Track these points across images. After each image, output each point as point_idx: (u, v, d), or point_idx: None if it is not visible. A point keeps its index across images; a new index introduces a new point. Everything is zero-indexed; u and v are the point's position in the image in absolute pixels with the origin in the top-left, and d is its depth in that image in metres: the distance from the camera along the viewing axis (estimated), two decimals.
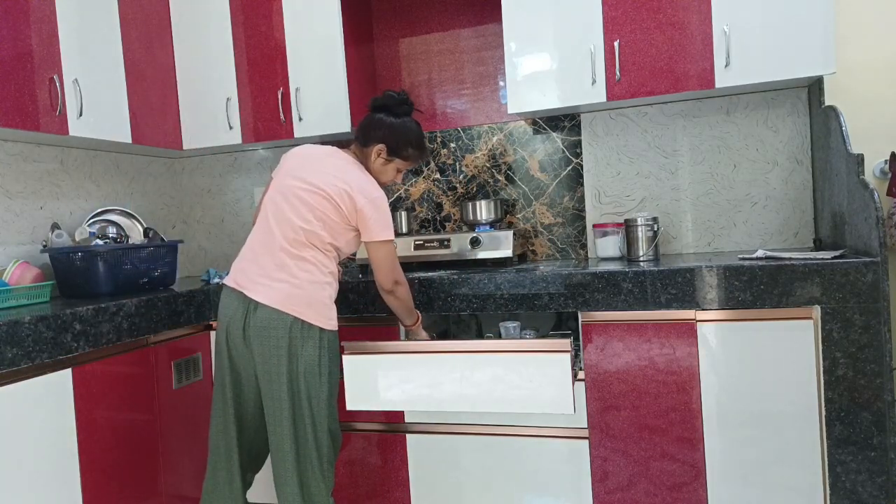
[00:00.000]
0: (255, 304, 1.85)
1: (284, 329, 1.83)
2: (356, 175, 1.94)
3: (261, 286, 1.86)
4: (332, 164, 1.94)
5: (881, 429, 1.87)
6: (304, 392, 1.87)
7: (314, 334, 1.86)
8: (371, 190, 1.92)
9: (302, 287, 1.85)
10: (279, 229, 1.89)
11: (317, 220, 1.88)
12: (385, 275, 1.96)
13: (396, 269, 1.98)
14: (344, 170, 1.93)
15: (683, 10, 2.25)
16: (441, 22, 2.87)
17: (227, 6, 2.75)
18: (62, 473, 1.84)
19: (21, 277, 2.18)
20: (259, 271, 1.88)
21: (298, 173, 1.93)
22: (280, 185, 1.94)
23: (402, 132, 2.00)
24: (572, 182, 2.72)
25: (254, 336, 1.86)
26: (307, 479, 1.90)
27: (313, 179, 1.90)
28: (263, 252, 1.89)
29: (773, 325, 1.96)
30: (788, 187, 2.48)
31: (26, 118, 2.12)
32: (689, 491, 2.04)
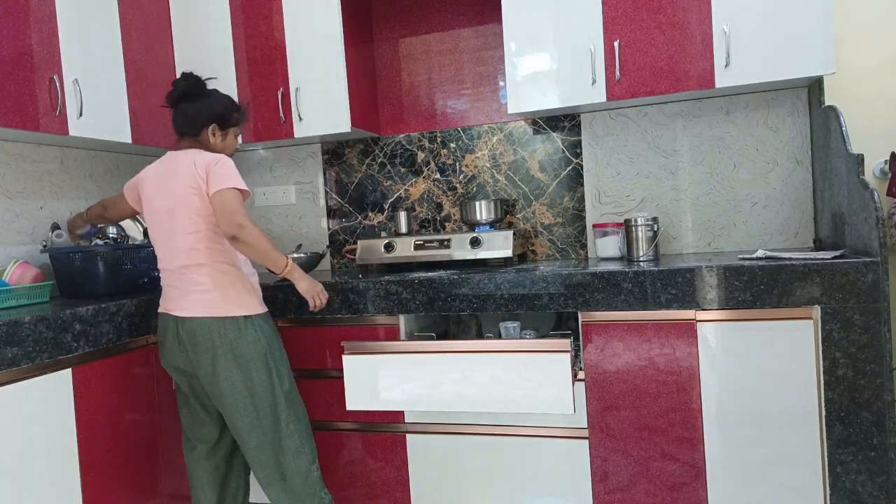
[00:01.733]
0: (181, 319, 1.95)
1: (211, 332, 1.93)
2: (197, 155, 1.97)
3: (180, 302, 1.96)
4: (176, 164, 1.98)
5: (881, 429, 1.87)
6: (250, 380, 1.94)
7: (241, 324, 1.94)
8: (210, 155, 1.97)
9: (210, 290, 1.94)
10: (172, 249, 1.97)
11: (192, 221, 1.93)
12: (226, 220, 1.87)
13: (238, 213, 1.88)
14: (186, 157, 1.98)
15: (683, 10, 2.25)
16: (441, 22, 2.87)
17: (227, 6, 2.75)
18: (62, 473, 1.84)
19: (21, 277, 2.18)
20: (175, 292, 1.99)
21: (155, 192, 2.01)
22: (152, 210, 2.02)
23: (219, 105, 2.06)
24: (572, 182, 2.72)
25: (189, 347, 1.95)
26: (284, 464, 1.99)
27: (169, 185, 1.97)
28: (170, 274, 2.00)
29: (773, 325, 1.96)
30: (788, 187, 2.48)
31: (26, 118, 2.12)
32: (689, 491, 2.04)
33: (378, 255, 2.59)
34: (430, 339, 2.25)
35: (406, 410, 2.29)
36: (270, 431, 1.96)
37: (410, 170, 2.92)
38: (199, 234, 1.93)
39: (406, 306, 2.24)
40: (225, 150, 2.08)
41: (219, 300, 1.93)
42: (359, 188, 3.01)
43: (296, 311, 2.34)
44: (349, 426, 2.37)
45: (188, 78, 2.06)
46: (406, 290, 2.24)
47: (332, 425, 2.38)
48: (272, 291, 2.34)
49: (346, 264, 3.04)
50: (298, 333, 2.38)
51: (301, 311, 2.33)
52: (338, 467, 2.39)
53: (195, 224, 1.93)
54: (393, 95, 2.95)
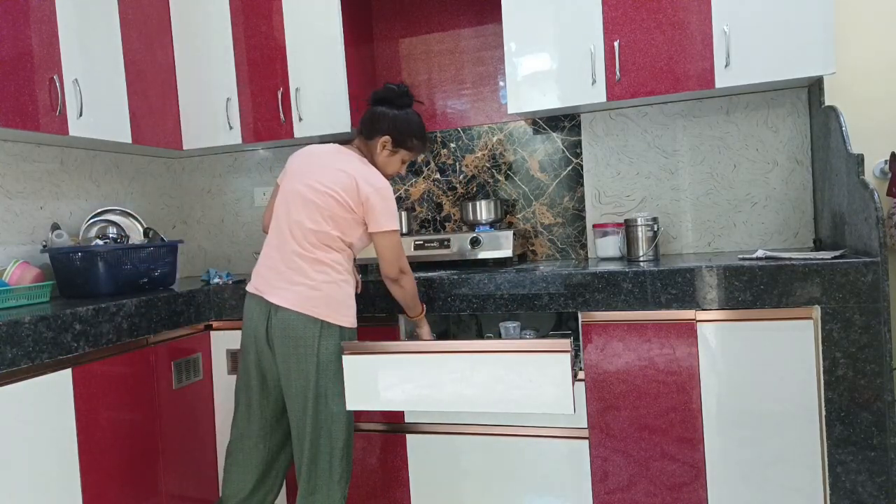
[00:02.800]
0: (276, 307, 1.90)
1: (304, 329, 1.88)
2: (360, 167, 1.95)
3: (279, 290, 1.90)
4: (336, 161, 1.96)
5: (881, 429, 1.87)
6: (324, 388, 1.91)
7: (334, 332, 1.91)
8: (376, 180, 1.94)
9: (319, 288, 1.89)
10: (291, 234, 1.91)
11: (325, 220, 1.90)
12: (390, 264, 1.97)
13: (402, 259, 1.99)
14: (348, 164, 1.95)
15: (683, 10, 2.25)
16: (441, 22, 2.87)
17: (227, 6, 2.75)
18: (62, 473, 1.84)
19: (21, 277, 2.18)
20: (276, 276, 1.92)
21: (304, 176, 1.95)
22: (288, 189, 1.97)
23: (405, 123, 2.02)
24: (572, 182, 2.72)
25: (276, 338, 1.91)
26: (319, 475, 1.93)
27: (319, 178, 1.92)
28: (278, 257, 1.93)
29: (773, 325, 1.96)
30: (788, 187, 2.48)
31: (26, 118, 2.12)
32: (689, 491, 2.04)
33: None
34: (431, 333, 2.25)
35: (406, 410, 2.29)
36: (327, 444, 1.92)
37: (410, 170, 2.92)
38: (326, 235, 1.89)
39: None
40: (386, 167, 2.04)
41: (323, 301, 1.88)
42: None
43: None
44: None
45: (399, 88, 2.05)
46: None
47: None
48: None
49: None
50: None
51: None
52: None
53: (326, 225, 1.89)
54: None
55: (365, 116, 2.05)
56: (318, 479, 1.93)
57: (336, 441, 1.93)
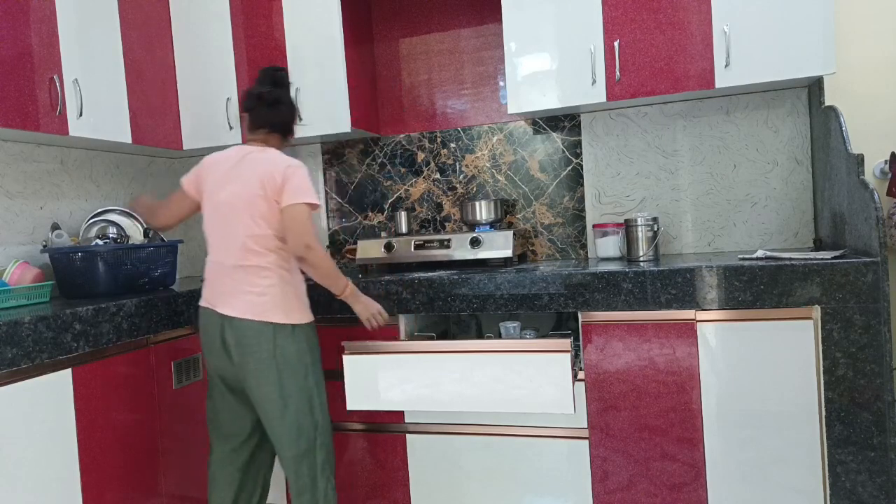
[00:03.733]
0: (229, 318, 1.92)
1: (258, 335, 1.90)
2: (272, 155, 1.96)
3: (228, 301, 1.93)
4: (248, 159, 1.96)
5: (881, 429, 1.87)
6: (289, 389, 1.92)
7: (288, 332, 1.92)
8: (290, 160, 1.95)
9: (265, 293, 1.91)
10: (228, 246, 1.93)
11: (256, 223, 1.90)
12: (296, 236, 1.88)
13: (309, 234, 1.89)
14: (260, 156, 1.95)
15: (683, 10, 2.25)
16: (441, 22, 2.87)
17: (227, 6, 2.75)
18: (62, 473, 1.84)
19: (21, 277, 2.18)
20: (223, 288, 1.94)
21: (220, 185, 1.96)
22: (214, 201, 1.97)
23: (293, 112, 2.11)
24: (572, 182, 2.72)
25: (232, 347, 1.92)
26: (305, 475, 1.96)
27: (235, 183, 1.93)
28: (221, 270, 1.95)
29: (773, 325, 1.96)
30: (788, 187, 2.48)
31: (26, 118, 2.12)
32: (689, 491, 2.04)
33: (378, 255, 2.59)
34: (430, 339, 2.25)
35: (406, 410, 2.29)
36: (306, 441, 1.95)
37: (410, 170, 2.92)
38: (262, 237, 1.90)
39: (406, 306, 2.24)
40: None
41: (271, 305, 1.90)
42: (359, 188, 3.01)
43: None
44: (349, 426, 2.37)
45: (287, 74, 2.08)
46: (406, 290, 2.24)
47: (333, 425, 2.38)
48: None
49: (346, 264, 3.04)
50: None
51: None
52: (338, 467, 2.39)
53: (259, 227, 1.89)
54: (393, 95, 2.95)
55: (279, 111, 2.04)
56: (305, 479, 1.96)
57: (314, 438, 1.96)
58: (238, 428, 2.06)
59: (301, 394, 1.94)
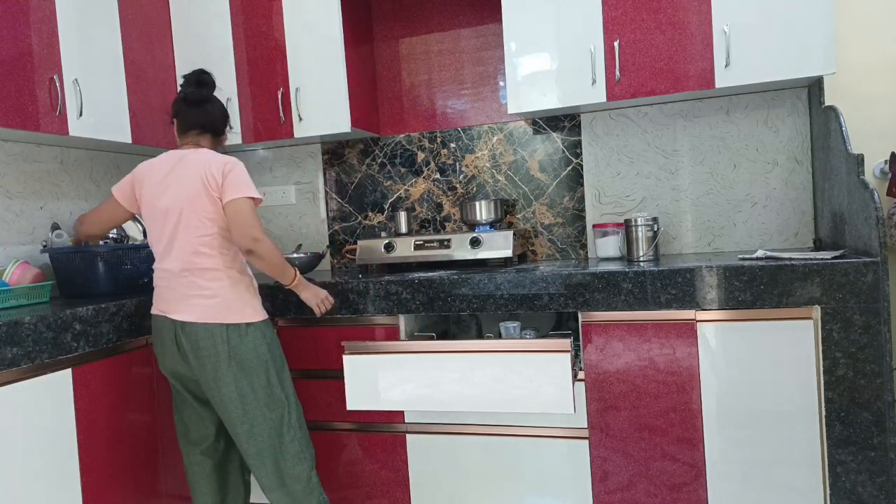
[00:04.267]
0: (181, 323, 1.92)
1: (213, 338, 1.90)
2: (208, 155, 1.95)
3: (180, 307, 1.92)
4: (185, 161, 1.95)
5: (881, 429, 1.87)
6: (251, 387, 1.93)
7: (243, 331, 1.92)
8: (227, 158, 1.95)
9: (216, 295, 1.91)
10: (174, 250, 1.92)
11: (202, 223, 1.90)
12: (241, 230, 1.86)
13: (254, 226, 1.88)
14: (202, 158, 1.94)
15: (683, 10, 2.25)
16: (441, 22, 2.87)
17: (227, 6, 2.75)
18: (62, 473, 1.84)
19: (21, 277, 2.18)
20: (173, 294, 1.94)
21: (159, 189, 1.95)
22: (157, 207, 1.95)
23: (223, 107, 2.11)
24: (572, 182, 2.72)
25: (189, 353, 1.93)
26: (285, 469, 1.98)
27: (177, 184, 1.92)
28: (170, 276, 1.94)
29: (773, 325, 1.96)
30: (788, 187, 2.48)
31: (26, 118, 2.12)
32: (689, 491, 2.04)
33: (378, 255, 2.59)
34: (430, 339, 2.25)
35: (406, 410, 2.29)
36: (271, 438, 1.95)
37: (410, 170, 2.92)
38: (208, 238, 1.90)
39: (406, 306, 2.24)
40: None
41: (222, 306, 1.91)
42: (359, 188, 3.01)
43: (295, 311, 2.34)
44: (349, 426, 2.37)
45: (212, 75, 2.07)
46: (406, 290, 2.24)
47: (332, 425, 2.38)
48: (271, 291, 2.34)
49: (346, 264, 3.04)
50: (298, 333, 2.38)
51: (300, 311, 2.33)
52: (338, 467, 2.39)
53: (205, 227, 1.90)
54: (393, 95, 2.95)
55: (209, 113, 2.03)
56: (272, 476, 1.97)
57: (280, 433, 1.96)
58: (204, 431, 2.07)
59: (262, 391, 1.94)
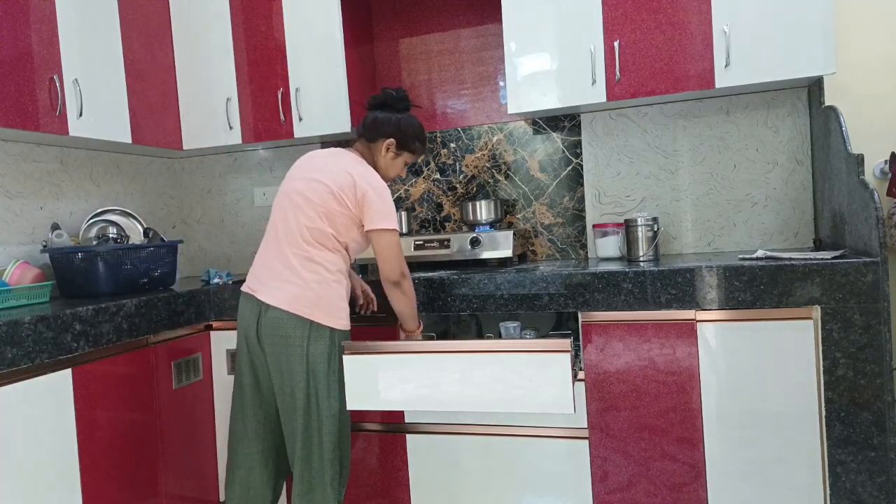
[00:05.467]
0: (266, 306, 1.89)
1: (294, 329, 1.87)
2: (359, 168, 1.96)
3: (270, 289, 1.90)
4: (334, 161, 1.97)
5: (881, 429, 1.87)
6: (314, 390, 1.89)
7: (324, 333, 1.89)
8: (373, 179, 1.94)
9: (310, 287, 1.88)
10: (284, 231, 1.91)
11: (321, 218, 1.89)
12: (391, 265, 1.93)
13: (402, 261, 1.95)
14: (347, 164, 1.95)
15: (683, 10, 2.25)
16: (441, 22, 2.87)
17: (227, 6, 2.75)
18: (62, 473, 1.84)
19: (21, 277, 2.18)
20: (268, 274, 1.92)
21: (302, 174, 1.96)
22: (285, 188, 1.97)
23: (408, 126, 2.05)
24: (572, 182, 2.72)
25: (265, 336, 1.90)
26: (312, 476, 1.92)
27: (316, 176, 1.93)
28: (272, 255, 1.93)
29: (773, 325, 1.96)
30: (788, 187, 2.48)
31: (26, 118, 2.12)
32: (689, 491, 2.04)
33: None
34: (430, 339, 2.25)
35: (406, 410, 2.29)
36: (316, 444, 1.90)
37: (410, 170, 2.92)
38: (319, 234, 1.88)
39: None
40: (388, 170, 2.06)
41: (313, 301, 1.87)
42: None
43: None
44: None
45: (398, 93, 2.07)
46: None
47: None
48: None
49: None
50: None
51: None
52: None
53: (321, 222, 1.88)
54: None
55: (367, 120, 2.05)
56: (312, 480, 1.91)
57: (326, 443, 1.91)
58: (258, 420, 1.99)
59: (325, 399, 1.90)
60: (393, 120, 2.03)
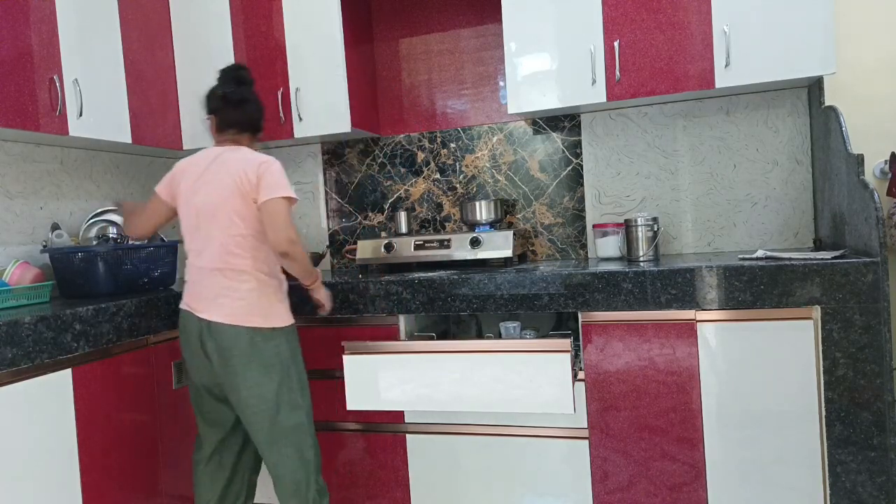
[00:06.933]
0: (208, 322, 1.90)
1: (237, 340, 1.88)
2: (245, 153, 1.95)
3: (207, 306, 1.91)
4: (222, 159, 1.95)
5: (881, 429, 1.87)
6: (273, 392, 1.91)
7: (269, 336, 1.91)
8: (263, 157, 1.94)
9: (244, 298, 1.90)
10: (206, 248, 1.92)
11: (233, 223, 1.89)
12: (276, 233, 1.85)
13: (290, 228, 1.87)
14: (240, 156, 1.94)
15: (683, 10, 2.25)
16: (441, 22, 2.87)
17: (227, 6, 2.75)
18: (62, 473, 1.84)
19: (21, 277, 2.18)
20: (202, 292, 1.93)
21: (201, 185, 1.94)
22: (191, 204, 1.95)
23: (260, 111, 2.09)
24: (572, 182, 2.72)
25: (212, 352, 1.91)
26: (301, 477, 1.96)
27: (216, 184, 1.91)
28: (201, 274, 1.93)
29: (773, 325, 1.96)
30: (788, 187, 2.48)
31: (26, 118, 2.12)
32: (689, 491, 2.04)
33: (378, 255, 2.59)
34: (430, 339, 2.25)
35: (406, 410, 2.29)
36: (291, 444, 1.93)
37: (410, 170, 2.92)
38: (240, 238, 1.89)
39: (406, 306, 2.24)
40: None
41: (251, 309, 1.89)
42: (359, 188, 3.01)
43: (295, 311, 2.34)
44: (349, 426, 2.37)
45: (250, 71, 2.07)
46: (406, 290, 2.24)
47: (333, 425, 2.38)
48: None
49: (346, 264, 3.04)
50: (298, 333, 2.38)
51: (301, 312, 2.33)
52: (338, 467, 2.39)
53: (237, 227, 1.88)
54: (393, 95, 2.95)
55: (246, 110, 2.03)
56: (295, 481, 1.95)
57: (300, 441, 1.94)
58: (217, 431, 2.06)
59: (284, 395, 1.92)
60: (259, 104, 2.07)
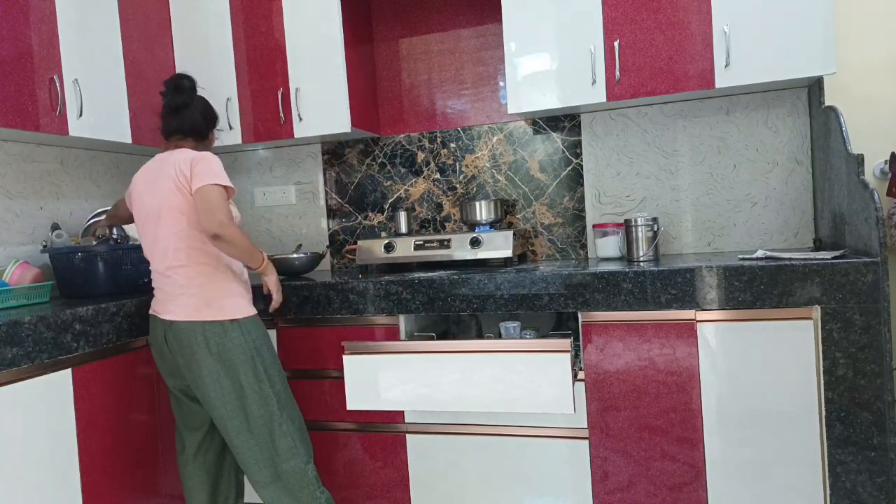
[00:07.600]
0: (168, 323, 1.94)
1: (194, 336, 1.91)
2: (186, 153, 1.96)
3: (166, 305, 1.95)
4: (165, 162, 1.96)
5: (881, 429, 1.87)
6: (238, 385, 1.92)
7: (226, 328, 1.92)
8: (202, 154, 1.95)
9: (196, 294, 1.92)
10: (157, 250, 1.95)
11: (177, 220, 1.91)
12: (207, 215, 1.83)
13: (220, 210, 1.84)
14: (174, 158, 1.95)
15: (683, 10, 2.25)
16: (441, 22, 2.87)
17: (227, 6, 2.75)
18: (62, 473, 1.84)
19: (21, 277, 2.18)
20: (161, 294, 1.98)
21: (146, 189, 1.98)
22: (139, 211, 2.00)
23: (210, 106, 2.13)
24: (572, 182, 2.72)
25: (175, 352, 1.95)
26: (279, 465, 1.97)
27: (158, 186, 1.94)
28: (158, 276, 1.98)
29: (773, 326, 1.96)
30: (788, 187, 2.48)
31: (26, 118, 2.12)
32: (689, 491, 2.04)
33: (378, 255, 2.59)
34: (430, 339, 2.25)
35: (406, 410, 2.29)
36: (262, 434, 1.94)
37: (410, 170, 2.92)
38: (182, 234, 1.91)
39: (406, 306, 2.24)
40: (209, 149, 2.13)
41: (201, 303, 1.91)
42: (359, 188, 3.01)
43: (296, 311, 2.34)
44: (349, 426, 2.37)
45: (191, 79, 2.08)
46: (406, 290, 2.24)
47: (332, 425, 2.38)
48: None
49: (346, 264, 3.04)
50: (298, 333, 2.39)
51: (301, 312, 2.33)
52: (338, 467, 2.39)
53: (178, 223, 1.91)
54: (393, 95, 2.95)
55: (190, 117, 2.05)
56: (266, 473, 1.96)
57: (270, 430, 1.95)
58: (196, 434, 2.09)
59: (249, 388, 1.93)
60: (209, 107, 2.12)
